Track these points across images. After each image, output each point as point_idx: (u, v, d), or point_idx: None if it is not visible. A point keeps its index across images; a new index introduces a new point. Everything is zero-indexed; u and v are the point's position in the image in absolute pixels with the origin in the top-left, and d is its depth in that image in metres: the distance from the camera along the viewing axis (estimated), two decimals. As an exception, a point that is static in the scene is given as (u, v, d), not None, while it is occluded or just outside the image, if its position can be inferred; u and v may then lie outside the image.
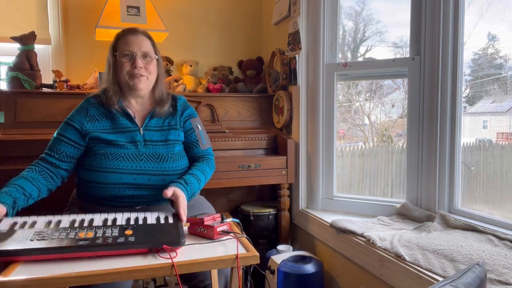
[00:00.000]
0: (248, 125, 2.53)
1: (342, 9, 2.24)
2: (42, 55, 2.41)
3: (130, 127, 1.51)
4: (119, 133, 1.48)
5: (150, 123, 1.54)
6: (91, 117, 1.49)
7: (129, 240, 1.09)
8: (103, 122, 1.49)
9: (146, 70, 1.50)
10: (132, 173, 1.44)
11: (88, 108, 1.51)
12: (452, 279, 0.86)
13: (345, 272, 1.90)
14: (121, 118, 1.51)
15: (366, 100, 2.45)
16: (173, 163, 1.51)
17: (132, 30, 1.53)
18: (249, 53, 2.90)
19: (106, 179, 1.42)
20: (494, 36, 1.68)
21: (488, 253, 1.33)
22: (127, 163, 1.44)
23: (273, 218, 2.35)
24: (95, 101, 1.53)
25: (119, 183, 1.42)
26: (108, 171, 1.42)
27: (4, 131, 1.98)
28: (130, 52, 1.48)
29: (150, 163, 1.47)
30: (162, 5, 2.65)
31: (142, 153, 1.48)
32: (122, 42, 1.50)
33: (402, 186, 2.02)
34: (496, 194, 1.68)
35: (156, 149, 1.50)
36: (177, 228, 1.19)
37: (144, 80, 1.50)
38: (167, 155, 1.51)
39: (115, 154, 1.44)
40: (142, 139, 1.50)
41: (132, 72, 1.48)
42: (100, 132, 1.47)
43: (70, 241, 1.07)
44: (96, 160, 1.43)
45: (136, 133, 1.50)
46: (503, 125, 1.74)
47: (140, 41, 1.50)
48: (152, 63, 1.52)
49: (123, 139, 1.47)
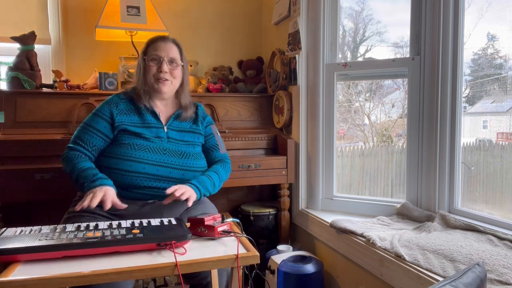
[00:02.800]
0: (248, 125, 2.53)
1: (342, 9, 2.24)
2: (42, 55, 2.41)
3: (156, 124, 1.60)
4: (145, 128, 1.57)
5: (173, 123, 1.65)
6: (121, 111, 1.58)
7: (138, 237, 1.11)
8: (132, 117, 1.58)
9: (171, 75, 1.60)
10: (155, 164, 1.52)
11: (118, 102, 1.60)
12: (452, 279, 0.86)
13: (345, 272, 1.90)
14: (147, 114, 1.60)
15: (366, 100, 2.45)
16: (194, 160, 1.61)
17: (163, 37, 1.64)
18: (249, 53, 2.90)
19: (131, 167, 1.48)
20: (494, 36, 1.68)
21: (488, 253, 1.33)
22: (152, 154, 1.52)
23: (273, 218, 2.35)
24: (124, 97, 1.63)
25: (142, 173, 1.49)
26: (133, 160, 1.49)
27: (4, 131, 1.98)
28: (157, 57, 1.59)
29: (173, 157, 1.56)
30: (162, 5, 2.65)
31: (165, 148, 1.57)
32: (152, 47, 1.61)
33: (402, 186, 2.02)
34: (496, 194, 1.68)
35: (178, 146, 1.60)
36: (181, 226, 1.22)
37: (168, 84, 1.61)
38: (188, 153, 1.61)
39: (141, 145, 1.53)
40: (166, 136, 1.60)
41: (157, 75, 1.58)
42: (129, 125, 1.55)
43: (79, 239, 1.07)
44: (123, 149, 1.51)
45: (161, 130, 1.60)
46: (503, 125, 1.73)
47: (168, 47, 1.61)
48: (177, 69, 1.62)
49: (149, 133, 1.56)
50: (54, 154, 1.85)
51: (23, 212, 2.05)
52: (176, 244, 1.11)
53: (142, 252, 1.11)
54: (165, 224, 1.24)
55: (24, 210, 2.05)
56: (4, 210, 1.83)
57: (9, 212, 1.87)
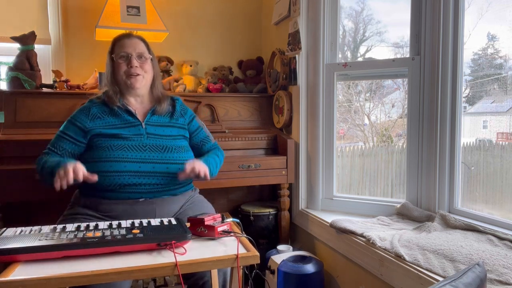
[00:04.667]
0: (248, 125, 2.53)
1: (342, 9, 2.24)
2: (42, 55, 2.41)
3: (133, 122, 1.59)
4: (122, 128, 1.56)
5: (151, 119, 1.63)
6: (93, 116, 1.57)
7: (138, 237, 1.11)
8: (106, 119, 1.57)
9: (142, 69, 1.60)
10: (137, 161, 1.50)
11: (91, 107, 1.59)
12: (452, 279, 0.86)
13: (345, 272, 1.90)
14: (123, 114, 1.59)
15: (366, 100, 2.45)
16: (178, 153, 1.58)
17: (127, 34, 1.65)
18: (249, 53, 2.90)
19: (112, 168, 1.47)
20: (494, 36, 1.68)
21: (488, 253, 1.33)
22: (131, 152, 1.51)
23: (273, 218, 2.35)
24: (97, 101, 1.62)
25: (123, 171, 1.48)
26: (113, 160, 1.48)
27: (4, 131, 1.98)
28: (125, 53, 1.59)
29: (154, 153, 1.54)
30: (162, 5, 2.65)
31: (145, 144, 1.55)
32: (118, 45, 1.62)
33: (402, 186, 2.02)
34: (496, 194, 1.68)
35: (159, 141, 1.58)
36: (181, 226, 1.22)
37: (140, 79, 1.60)
38: (171, 147, 1.58)
39: (119, 145, 1.51)
40: (145, 132, 1.58)
41: (128, 71, 1.58)
42: (103, 128, 1.54)
43: (79, 239, 1.08)
44: (100, 151, 1.50)
45: (139, 127, 1.58)
46: (503, 125, 1.73)
47: (134, 43, 1.62)
48: (147, 62, 1.62)
49: (126, 133, 1.55)
50: (54, 154, 1.85)
51: (23, 212, 2.05)
52: (176, 244, 1.11)
53: (142, 252, 1.11)
54: (165, 224, 1.24)
55: (24, 210, 2.05)
56: (4, 210, 1.83)
57: (9, 212, 1.87)
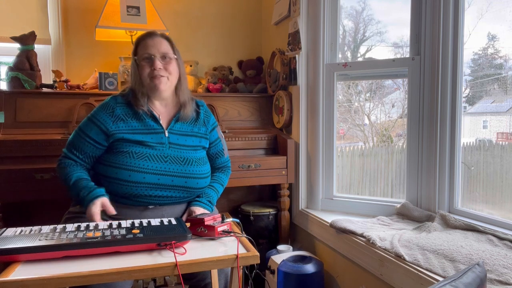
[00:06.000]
0: (248, 125, 2.53)
1: (342, 8, 2.24)
2: (42, 55, 2.41)
3: (157, 129, 1.52)
4: (146, 134, 1.49)
5: (175, 126, 1.56)
6: (117, 117, 1.49)
7: (138, 237, 1.11)
8: (130, 123, 1.49)
9: (166, 70, 1.51)
10: (156, 173, 1.45)
11: (115, 107, 1.51)
12: (452, 279, 0.86)
13: (345, 272, 1.90)
14: (147, 119, 1.51)
15: (366, 100, 2.45)
16: (197, 167, 1.53)
17: (149, 34, 1.55)
18: (249, 53, 2.90)
19: (130, 177, 1.42)
20: (494, 36, 1.68)
21: (488, 253, 1.33)
22: (152, 163, 1.45)
23: (273, 218, 2.35)
24: (122, 101, 1.53)
25: (142, 182, 1.43)
26: (132, 170, 1.42)
27: (4, 131, 1.98)
28: (148, 55, 1.50)
29: (175, 165, 1.49)
30: (162, 5, 2.65)
31: (167, 154, 1.49)
32: (141, 46, 1.53)
33: (402, 186, 2.02)
34: (496, 194, 1.68)
35: (180, 152, 1.52)
36: (181, 226, 1.22)
37: (165, 80, 1.51)
38: (191, 159, 1.53)
39: (140, 153, 1.45)
40: (167, 142, 1.52)
41: (152, 73, 1.50)
42: (126, 133, 1.47)
43: (79, 239, 1.07)
44: (120, 157, 1.44)
45: (162, 135, 1.52)
46: (503, 125, 1.73)
47: (157, 43, 1.52)
48: (171, 63, 1.53)
49: (150, 140, 1.49)
50: (54, 154, 1.85)
51: (23, 212, 2.05)
52: (176, 244, 1.11)
53: (142, 252, 1.11)
54: (165, 224, 1.24)
55: (24, 210, 2.05)
56: (4, 210, 1.83)
57: (9, 212, 1.87)
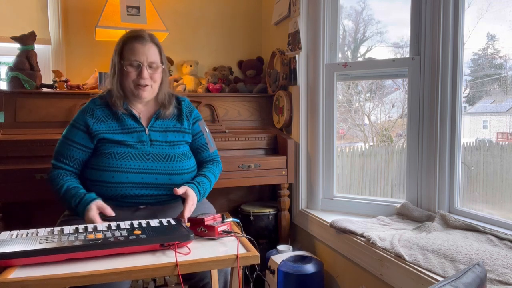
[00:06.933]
0: (248, 125, 2.53)
1: (343, 8, 2.24)
2: (42, 55, 2.41)
3: (136, 128, 1.52)
4: (126, 134, 1.49)
5: (155, 124, 1.55)
6: (97, 119, 1.49)
7: (141, 238, 1.10)
8: (110, 123, 1.49)
9: (152, 79, 1.49)
10: (139, 172, 1.45)
11: (94, 109, 1.51)
12: (452, 279, 0.86)
13: (345, 272, 1.90)
14: (127, 119, 1.51)
15: (366, 100, 2.45)
16: (180, 162, 1.52)
17: (139, 38, 1.49)
18: (249, 53, 2.90)
19: (113, 178, 1.43)
20: (494, 36, 1.68)
21: (488, 253, 1.33)
22: (134, 162, 1.45)
23: (273, 218, 2.35)
24: (100, 102, 1.53)
25: (126, 182, 1.43)
26: (115, 170, 1.43)
27: (4, 131, 1.98)
28: (137, 62, 1.47)
29: (157, 162, 1.48)
30: (162, 5, 2.65)
31: (149, 152, 1.49)
32: (129, 50, 1.48)
33: (402, 186, 2.02)
34: (496, 194, 1.68)
35: (162, 149, 1.52)
36: (182, 226, 1.22)
37: (149, 89, 1.50)
38: (173, 155, 1.52)
39: (122, 153, 1.46)
40: (148, 139, 1.51)
41: (137, 81, 1.48)
42: (107, 133, 1.47)
43: (81, 241, 1.05)
44: (103, 159, 1.45)
45: (142, 133, 1.51)
46: (503, 125, 1.74)
47: (147, 49, 1.48)
48: (157, 71, 1.51)
49: (130, 139, 1.49)
50: (54, 154, 1.85)
51: (23, 212, 2.05)
52: (180, 244, 1.11)
53: (142, 252, 1.11)
54: (164, 224, 1.24)
55: (24, 210, 2.05)
56: (4, 210, 1.83)
57: (9, 212, 1.87)
